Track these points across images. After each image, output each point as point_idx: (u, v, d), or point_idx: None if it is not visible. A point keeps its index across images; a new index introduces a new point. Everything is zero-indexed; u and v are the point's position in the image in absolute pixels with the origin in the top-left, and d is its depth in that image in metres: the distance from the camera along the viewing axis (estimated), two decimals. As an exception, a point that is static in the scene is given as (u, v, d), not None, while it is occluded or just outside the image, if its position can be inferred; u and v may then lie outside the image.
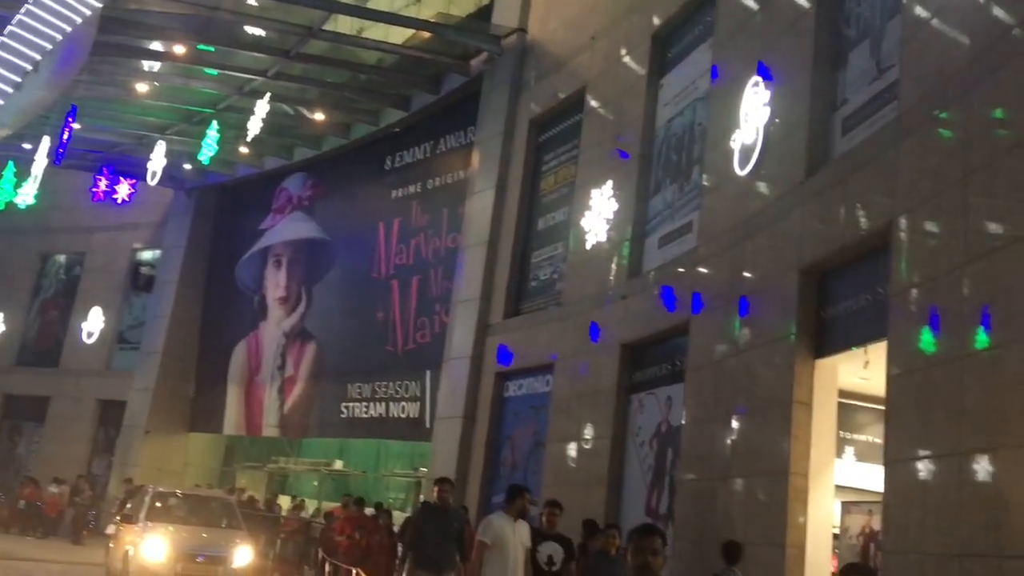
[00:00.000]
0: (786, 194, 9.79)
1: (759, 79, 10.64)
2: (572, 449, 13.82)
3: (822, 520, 8.75)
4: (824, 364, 9.10)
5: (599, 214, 14.46)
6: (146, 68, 21.71)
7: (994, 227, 6.65)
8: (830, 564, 8.66)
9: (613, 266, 13.98)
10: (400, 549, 12.20)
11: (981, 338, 6.53)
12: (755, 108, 10.66)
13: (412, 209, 21.53)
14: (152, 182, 24.67)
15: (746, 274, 10.35)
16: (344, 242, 23.61)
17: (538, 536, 8.37)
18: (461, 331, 17.62)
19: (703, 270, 11.37)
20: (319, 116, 22.56)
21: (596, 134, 15.43)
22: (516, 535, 7.86)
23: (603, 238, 14.30)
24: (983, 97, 6.97)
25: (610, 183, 14.36)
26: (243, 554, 12.37)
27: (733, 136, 11.06)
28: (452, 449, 16.76)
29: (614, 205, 14.17)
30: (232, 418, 25.34)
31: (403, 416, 20.11)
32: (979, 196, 6.86)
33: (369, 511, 14.22)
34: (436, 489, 8.92)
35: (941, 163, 7.36)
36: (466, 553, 8.58)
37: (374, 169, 22.80)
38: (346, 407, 21.81)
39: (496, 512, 8.59)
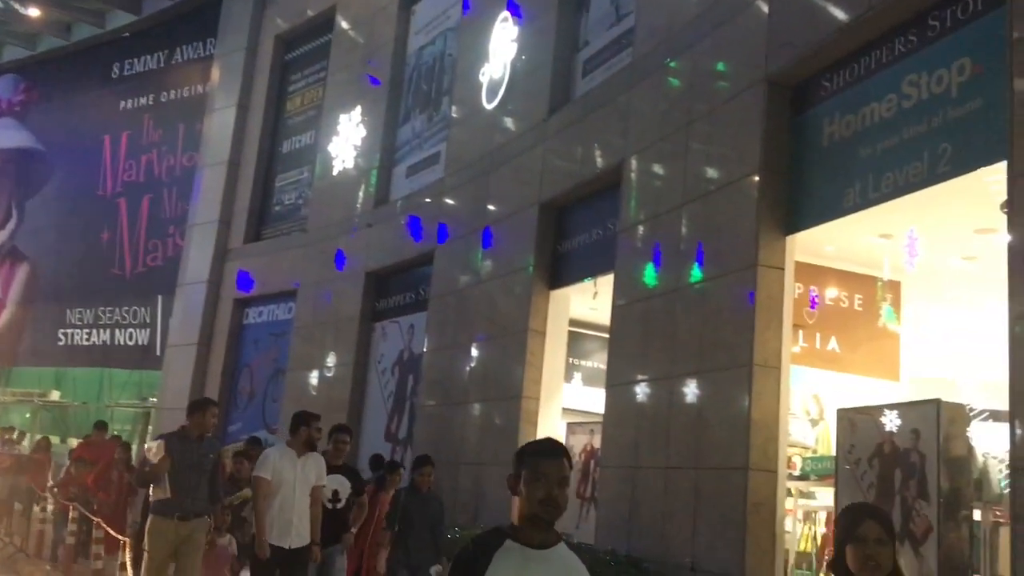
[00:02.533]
0: (529, 130, 10.10)
1: (508, 15, 10.82)
2: (314, 377, 13.71)
3: (550, 440, 9.32)
4: (558, 295, 9.61)
5: (347, 140, 14.21)
6: None
7: (710, 171, 7.27)
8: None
9: (360, 194, 13.83)
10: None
11: (695, 273, 7.17)
12: (503, 43, 10.85)
13: (143, 122, 20.03)
14: None
15: (490, 207, 10.62)
16: (63, 154, 21.51)
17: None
18: (197, 255, 16.79)
19: (449, 201, 11.53)
20: (33, 12, 20.19)
21: (345, 57, 15.04)
22: (298, 470, 6.51)
23: (351, 165, 14.10)
24: (707, 50, 7.53)
25: (359, 109, 14.12)
26: None
27: (482, 69, 11.21)
28: (185, 378, 16.07)
29: (363, 132, 13.97)
30: (-74, 346, 22.65)
31: (131, 343, 18.98)
32: (699, 142, 7.46)
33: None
34: (200, 414, 6.85)
35: (668, 109, 7.91)
36: (219, 494, 6.94)
37: (100, 76, 20.89)
38: (64, 334, 20.20)
39: (277, 444, 7.22)
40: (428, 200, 12.04)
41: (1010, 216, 4.68)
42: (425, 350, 11.39)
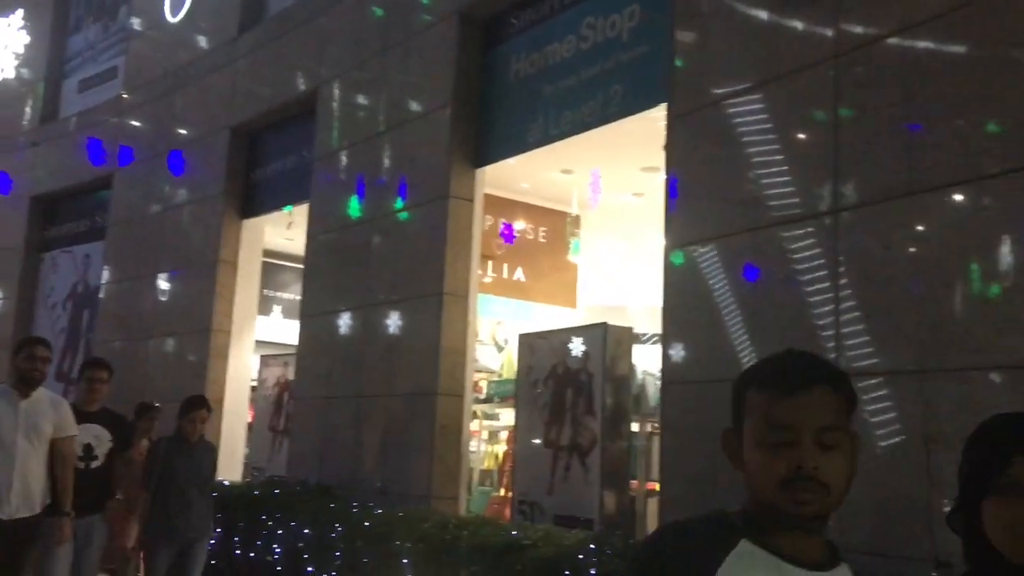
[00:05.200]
0: (219, 48, 9.51)
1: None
2: (-31, 313, 12.22)
3: (242, 374, 9.04)
4: (251, 224, 9.23)
5: (6, 46, 12.60)
6: None
7: (406, 102, 7.26)
8: (247, 414, 9.04)
9: (27, 109, 12.37)
10: None
11: (390, 203, 7.18)
12: (191, -49, 10.06)
13: None
14: None
15: (177, 129, 9.92)
16: None
17: (74, 415, 5.39)
18: None
19: (131, 121, 10.62)
20: None
21: (3, -50, 13.22)
22: (20, 416, 4.99)
23: (11, 75, 12.55)
24: (404, -22, 7.46)
25: (20, 12, 12.56)
26: None
27: (166, -22, 10.35)
28: None
29: (25, 38, 12.46)
30: None
31: None
32: (396, 72, 7.42)
33: None
34: None
35: (366, 35, 7.76)
36: None
37: None
38: None
39: None
40: (106, 119, 11.00)
41: (668, 155, 5.13)
42: (103, 282, 10.53)
